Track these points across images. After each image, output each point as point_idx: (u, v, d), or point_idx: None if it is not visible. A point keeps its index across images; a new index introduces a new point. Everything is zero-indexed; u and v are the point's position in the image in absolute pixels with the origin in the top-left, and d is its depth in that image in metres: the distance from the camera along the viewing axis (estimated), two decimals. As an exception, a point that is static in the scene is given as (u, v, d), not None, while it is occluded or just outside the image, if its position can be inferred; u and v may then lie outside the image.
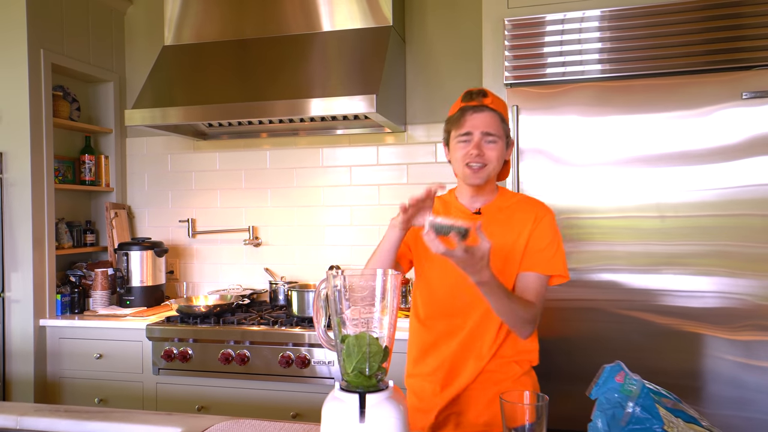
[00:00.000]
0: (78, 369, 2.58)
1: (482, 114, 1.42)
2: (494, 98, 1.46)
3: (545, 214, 1.48)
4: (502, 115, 1.45)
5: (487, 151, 1.42)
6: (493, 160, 1.43)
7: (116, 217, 3.05)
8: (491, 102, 1.44)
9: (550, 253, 1.44)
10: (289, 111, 2.42)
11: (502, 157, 1.46)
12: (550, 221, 1.48)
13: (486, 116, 1.42)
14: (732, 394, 1.96)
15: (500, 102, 1.48)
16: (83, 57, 2.90)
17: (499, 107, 1.45)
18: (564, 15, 2.12)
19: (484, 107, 1.43)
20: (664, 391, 0.95)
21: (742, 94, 1.94)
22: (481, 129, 1.42)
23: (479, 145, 1.41)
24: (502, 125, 1.44)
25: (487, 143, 1.42)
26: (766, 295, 1.93)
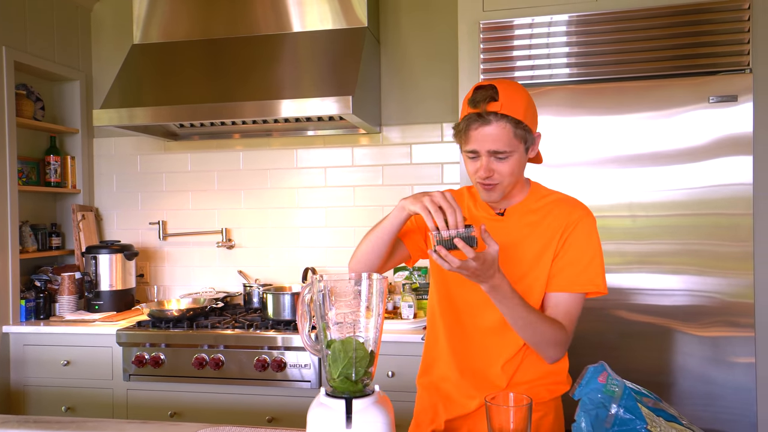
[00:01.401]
0: (44, 377, 2.50)
1: (488, 128, 1.19)
2: (506, 99, 1.19)
3: (580, 219, 1.27)
4: (516, 120, 1.19)
5: (499, 167, 1.22)
6: (507, 175, 1.23)
7: (83, 219, 2.96)
8: (501, 106, 1.18)
9: (581, 266, 1.25)
10: (260, 112, 2.39)
11: (519, 166, 1.25)
12: (586, 227, 1.27)
13: (493, 131, 1.18)
14: (701, 389, 2.02)
15: (515, 100, 1.20)
16: (48, 55, 2.81)
17: (512, 109, 1.19)
18: (532, 19, 2.15)
19: (490, 118, 1.18)
20: (645, 391, 0.97)
21: (709, 98, 2.00)
22: (487, 147, 1.20)
23: (488, 167, 1.22)
24: (516, 133, 1.20)
25: (497, 160, 1.21)
26: (733, 293, 2.00)
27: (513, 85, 1.23)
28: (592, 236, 1.27)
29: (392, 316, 2.44)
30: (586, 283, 1.25)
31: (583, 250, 1.26)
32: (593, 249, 1.26)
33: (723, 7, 2.00)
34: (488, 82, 1.21)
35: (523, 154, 1.24)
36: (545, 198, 1.32)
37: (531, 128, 1.23)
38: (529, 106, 1.22)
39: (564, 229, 1.27)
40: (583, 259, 1.25)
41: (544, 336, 1.21)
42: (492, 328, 1.30)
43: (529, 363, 1.30)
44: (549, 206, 1.30)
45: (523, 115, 1.20)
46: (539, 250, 1.27)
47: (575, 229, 1.26)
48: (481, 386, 1.30)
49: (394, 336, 2.20)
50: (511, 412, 0.98)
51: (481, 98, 1.19)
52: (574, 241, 1.26)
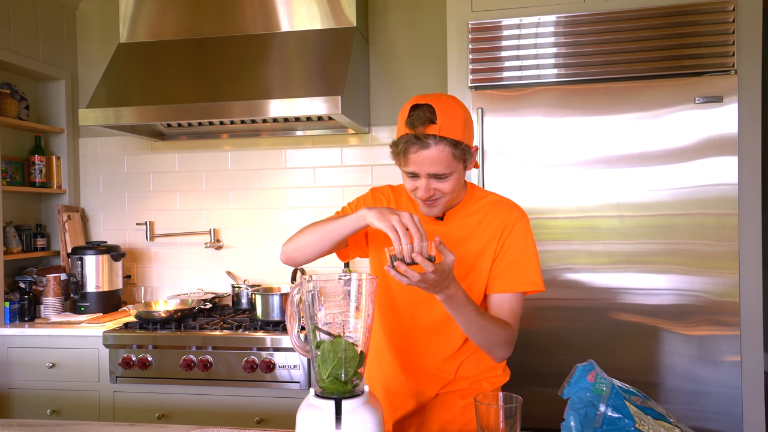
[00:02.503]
0: (29, 379, 2.47)
1: (427, 152, 1.17)
2: (444, 120, 1.17)
3: (516, 221, 1.31)
4: (455, 141, 1.18)
5: (439, 186, 1.23)
6: (448, 192, 1.25)
7: (69, 220, 2.93)
8: (440, 129, 1.16)
9: (520, 267, 1.29)
10: (248, 112, 2.38)
11: (459, 182, 1.27)
12: (521, 228, 1.31)
13: (432, 154, 1.17)
14: (688, 387, 2.04)
15: (453, 120, 1.18)
16: (32, 54, 2.78)
17: (450, 131, 1.17)
18: (520, 20, 2.16)
19: (429, 142, 1.17)
20: (633, 390, 0.98)
21: (695, 99, 2.02)
22: (427, 170, 1.20)
23: (428, 188, 1.22)
24: (455, 154, 1.19)
25: (438, 180, 1.22)
26: (719, 292, 2.02)
27: (450, 102, 1.21)
28: (527, 236, 1.32)
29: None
30: (526, 282, 1.30)
31: (521, 252, 1.30)
32: (530, 249, 1.31)
33: (709, 9, 2.02)
34: (425, 101, 1.19)
35: (462, 170, 1.25)
36: (482, 200, 1.35)
37: (469, 145, 1.23)
38: (466, 124, 1.22)
39: (502, 231, 1.30)
40: (522, 260, 1.30)
41: (496, 338, 1.23)
42: (432, 327, 1.33)
43: (471, 360, 1.35)
44: (486, 208, 1.34)
45: (462, 134, 1.19)
46: (478, 251, 1.31)
47: (512, 230, 1.30)
48: (423, 383, 1.35)
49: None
50: (501, 412, 0.99)
51: (419, 120, 1.17)
52: (512, 242, 1.30)
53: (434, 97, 1.21)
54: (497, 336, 1.23)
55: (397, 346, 1.38)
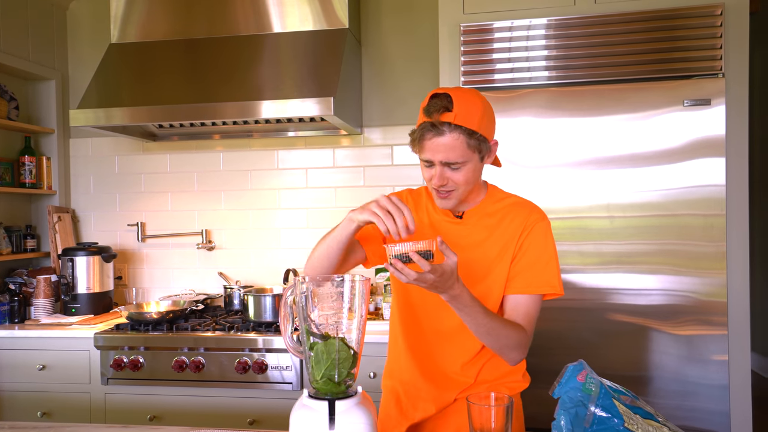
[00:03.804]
0: (19, 381, 2.45)
1: (441, 139, 1.19)
2: (461, 109, 1.18)
3: (536, 222, 1.30)
4: (470, 131, 1.19)
5: (453, 176, 1.23)
6: (461, 184, 1.24)
7: (59, 221, 2.92)
8: (455, 117, 1.17)
9: (538, 269, 1.28)
10: (240, 113, 2.38)
11: (474, 175, 1.25)
12: (541, 230, 1.29)
13: (446, 141, 1.18)
14: (676, 387, 2.06)
15: (470, 110, 1.19)
16: (22, 53, 2.76)
17: (466, 120, 1.18)
18: (511, 23, 2.18)
19: (444, 129, 1.18)
20: (622, 389, 0.99)
21: (684, 101, 2.04)
22: (440, 158, 1.21)
23: (442, 176, 1.23)
24: (469, 143, 1.20)
25: (451, 170, 1.23)
26: (707, 292, 2.04)
27: (469, 93, 1.22)
28: (547, 239, 1.30)
29: (374, 317, 2.45)
30: (543, 285, 1.28)
31: (539, 253, 1.28)
32: (549, 252, 1.29)
33: (697, 13, 2.05)
34: (445, 90, 1.20)
35: (477, 163, 1.25)
36: (502, 201, 1.34)
37: (486, 137, 1.23)
38: (484, 115, 1.22)
39: (521, 232, 1.29)
40: (540, 262, 1.28)
41: (507, 341, 1.22)
42: (451, 331, 1.32)
43: (490, 364, 1.33)
44: (506, 209, 1.32)
45: (478, 125, 1.20)
46: (497, 252, 1.29)
47: (531, 231, 1.29)
48: (442, 388, 1.33)
49: (376, 337, 2.20)
50: (492, 412, 1.00)
51: (435, 108, 1.18)
52: (531, 244, 1.28)
53: (455, 88, 1.22)
54: (508, 338, 1.22)
55: (417, 349, 1.37)
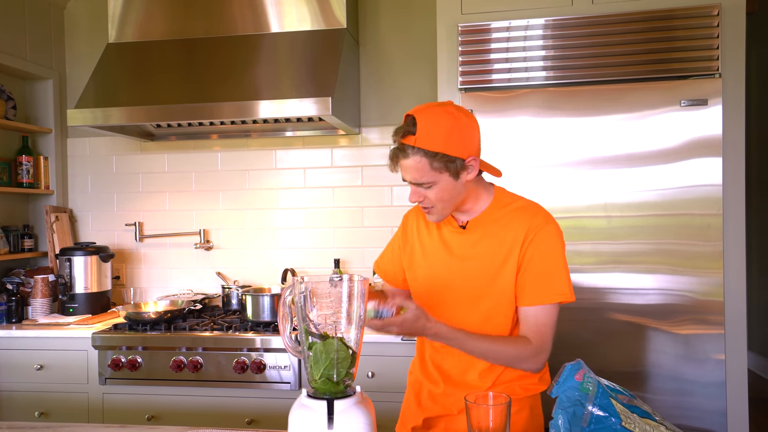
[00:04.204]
0: (16, 381, 2.45)
1: (407, 161, 1.23)
2: (423, 131, 1.20)
3: (539, 228, 1.27)
4: (432, 152, 1.20)
5: (427, 194, 1.26)
6: (435, 201, 1.27)
7: (57, 221, 2.91)
8: (416, 140, 1.20)
9: (546, 278, 1.26)
10: (238, 113, 2.38)
11: (449, 192, 1.26)
12: (545, 236, 1.27)
13: (410, 164, 1.22)
14: (673, 385, 2.07)
15: (433, 132, 1.20)
16: (19, 53, 2.76)
17: (427, 143, 1.20)
18: (509, 23, 2.18)
19: (408, 152, 1.22)
20: (619, 388, 1.00)
21: (681, 102, 2.05)
22: (409, 178, 1.25)
23: (415, 193, 1.27)
24: (433, 165, 1.21)
25: (424, 189, 1.26)
26: (704, 291, 2.05)
27: (436, 114, 1.22)
28: (553, 244, 1.28)
29: (372, 317, 2.45)
30: (553, 294, 1.27)
31: (546, 261, 1.27)
32: (556, 257, 1.27)
33: (694, 14, 2.05)
34: (415, 111, 1.23)
35: (449, 180, 1.24)
36: (508, 206, 1.33)
37: (456, 155, 1.22)
38: (451, 135, 1.21)
39: (524, 239, 1.27)
40: (547, 270, 1.27)
41: (508, 357, 1.25)
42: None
43: (508, 369, 1.34)
44: (511, 214, 1.31)
45: (442, 146, 1.20)
46: (502, 260, 1.29)
47: (535, 238, 1.27)
48: (460, 391, 1.34)
49: (374, 336, 2.21)
50: (491, 411, 1.00)
51: (400, 131, 1.22)
52: (536, 251, 1.26)
53: (425, 107, 1.23)
54: (507, 355, 1.24)
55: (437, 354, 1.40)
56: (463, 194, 1.29)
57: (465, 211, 1.34)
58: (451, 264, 1.34)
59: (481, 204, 1.33)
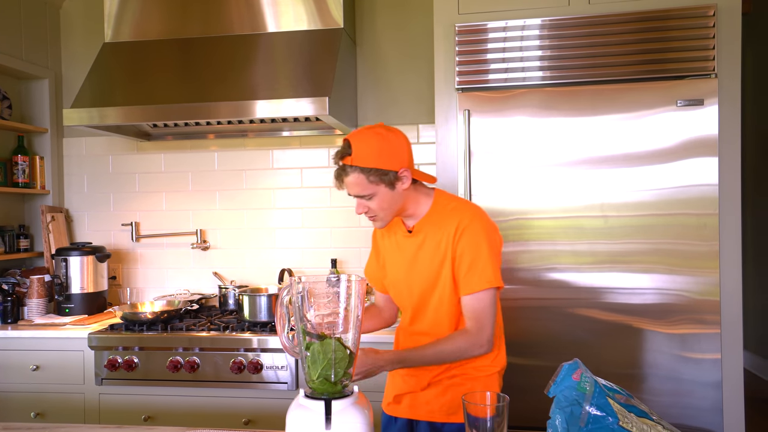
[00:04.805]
0: (12, 382, 2.44)
1: (348, 178, 1.41)
2: (358, 152, 1.39)
3: (466, 226, 1.44)
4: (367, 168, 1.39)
5: (370, 204, 1.44)
6: (378, 210, 1.45)
7: (53, 221, 2.90)
8: (352, 159, 1.39)
9: (474, 269, 1.43)
10: (235, 113, 2.38)
11: (389, 200, 1.44)
12: (471, 233, 1.44)
13: (351, 179, 1.41)
14: (670, 385, 2.07)
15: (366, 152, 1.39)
16: (15, 52, 2.75)
17: (362, 161, 1.39)
18: (506, 23, 2.18)
19: (347, 170, 1.40)
20: (617, 388, 1.00)
21: (677, 102, 2.05)
22: (352, 193, 1.44)
23: (360, 205, 1.45)
24: (369, 179, 1.40)
25: (366, 200, 1.44)
26: (701, 291, 2.06)
27: (367, 136, 1.41)
28: (478, 238, 1.43)
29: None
30: (480, 282, 1.43)
31: (473, 255, 1.43)
32: (481, 251, 1.43)
33: (690, 14, 2.06)
34: (350, 136, 1.42)
35: (387, 190, 1.43)
36: (445, 208, 1.50)
37: (388, 168, 1.40)
38: (381, 152, 1.40)
39: (454, 236, 1.44)
40: (474, 262, 1.43)
41: (455, 352, 1.42)
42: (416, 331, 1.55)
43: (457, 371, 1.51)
44: (446, 216, 1.48)
45: (375, 162, 1.39)
46: (441, 259, 1.46)
47: (462, 236, 1.44)
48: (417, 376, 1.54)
49: (371, 336, 2.21)
50: (488, 411, 1.00)
51: (338, 154, 1.42)
52: (465, 247, 1.43)
53: (358, 131, 1.43)
54: (453, 352, 1.42)
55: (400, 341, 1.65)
56: (401, 201, 1.47)
57: (410, 216, 1.51)
58: (406, 265, 1.53)
59: (422, 208, 1.50)
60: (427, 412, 1.52)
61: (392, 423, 1.59)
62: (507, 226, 2.16)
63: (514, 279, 2.16)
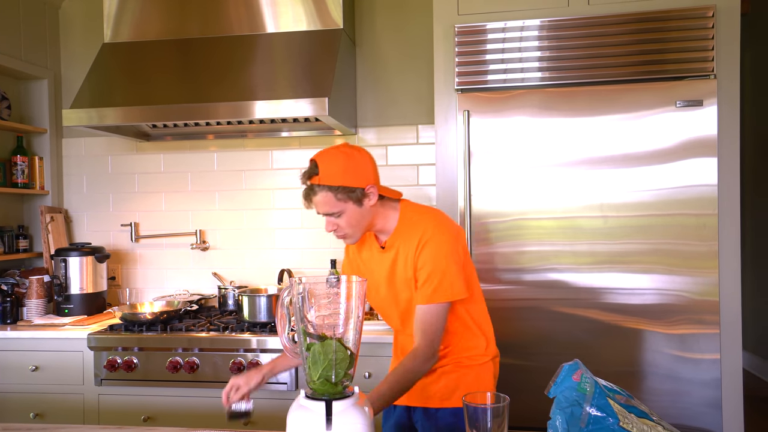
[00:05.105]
0: (11, 383, 2.43)
1: (316, 198, 1.44)
2: (324, 171, 1.41)
3: (429, 239, 1.46)
4: (334, 187, 1.41)
5: (339, 222, 1.46)
6: (346, 227, 1.47)
7: (52, 221, 2.90)
8: (320, 179, 1.41)
9: (431, 283, 1.44)
10: (234, 113, 2.37)
11: (356, 217, 1.46)
12: (432, 246, 1.45)
13: (319, 198, 1.43)
14: (668, 385, 2.08)
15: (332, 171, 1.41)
16: (14, 52, 2.74)
17: (329, 180, 1.41)
18: (505, 24, 2.18)
19: (315, 190, 1.43)
20: (617, 388, 1.00)
21: (676, 102, 2.06)
22: (320, 211, 1.46)
23: (329, 223, 1.48)
24: (337, 197, 1.42)
25: (335, 218, 1.46)
26: (700, 291, 2.06)
27: (332, 155, 1.44)
28: (438, 253, 1.45)
29: (369, 318, 2.45)
30: (435, 296, 1.44)
31: (431, 268, 1.45)
32: (439, 264, 1.45)
33: (689, 15, 2.06)
34: (316, 156, 1.45)
35: (354, 207, 1.45)
36: (410, 221, 1.51)
37: (354, 186, 1.43)
38: (347, 170, 1.43)
39: (416, 251, 1.47)
40: (433, 278, 1.44)
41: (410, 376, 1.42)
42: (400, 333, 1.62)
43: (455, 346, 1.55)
44: (411, 229, 1.50)
45: (342, 180, 1.42)
46: (409, 271, 1.49)
47: (423, 249, 1.46)
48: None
49: (371, 337, 2.21)
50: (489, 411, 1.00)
51: (305, 174, 1.45)
52: (425, 260, 1.45)
53: (324, 152, 1.46)
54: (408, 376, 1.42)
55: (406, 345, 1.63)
56: (369, 218, 1.49)
57: (381, 231, 1.54)
58: (385, 280, 1.55)
59: (391, 223, 1.53)
60: (422, 398, 1.57)
61: (391, 409, 1.65)
62: (506, 226, 2.16)
63: (513, 279, 2.16)
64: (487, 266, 2.17)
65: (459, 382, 1.54)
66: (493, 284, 2.17)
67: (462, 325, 1.54)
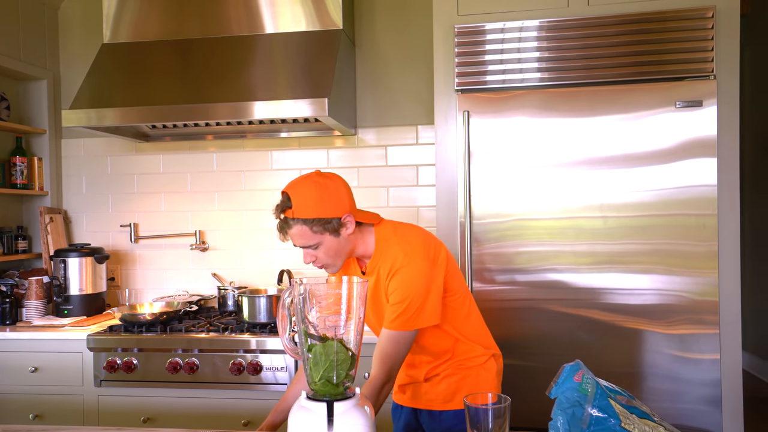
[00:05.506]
0: (10, 384, 2.43)
1: (291, 231, 1.40)
2: (298, 205, 1.38)
3: (399, 267, 1.43)
4: (309, 219, 1.38)
5: (317, 254, 1.44)
6: (326, 258, 1.44)
7: (51, 222, 2.89)
8: (294, 212, 1.38)
9: (396, 310, 1.41)
10: (233, 114, 2.37)
11: (334, 248, 1.43)
12: (403, 275, 1.42)
13: (295, 232, 1.40)
14: (668, 386, 2.08)
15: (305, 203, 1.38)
16: (13, 53, 2.74)
17: (303, 212, 1.38)
18: (503, 24, 2.18)
19: (290, 223, 1.39)
20: (618, 389, 1.00)
21: (676, 103, 2.06)
22: (297, 244, 1.43)
23: (307, 255, 1.45)
24: (313, 229, 1.39)
25: (313, 250, 1.43)
26: (699, 291, 2.06)
27: (305, 186, 1.41)
28: (406, 282, 1.41)
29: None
30: (398, 324, 1.41)
31: (399, 296, 1.41)
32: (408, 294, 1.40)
33: (688, 16, 2.06)
34: (288, 188, 1.41)
35: (332, 239, 1.42)
36: (386, 244, 1.48)
37: (330, 217, 1.40)
38: (321, 201, 1.39)
39: (387, 278, 1.45)
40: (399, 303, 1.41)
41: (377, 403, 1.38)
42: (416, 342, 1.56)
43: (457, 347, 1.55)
44: (386, 254, 1.47)
45: (316, 211, 1.39)
46: (379, 293, 1.48)
47: (393, 277, 1.43)
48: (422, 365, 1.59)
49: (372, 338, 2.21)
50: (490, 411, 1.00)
51: (279, 208, 1.41)
52: (394, 288, 1.43)
53: (295, 183, 1.42)
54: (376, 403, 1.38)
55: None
56: (348, 246, 1.46)
57: (362, 257, 1.52)
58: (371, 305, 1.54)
59: (370, 247, 1.50)
60: (426, 401, 1.59)
61: (399, 410, 1.68)
62: (506, 226, 2.16)
63: (513, 280, 2.16)
64: (487, 266, 2.17)
65: (461, 384, 1.55)
66: (493, 284, 2.17)
67: (454, 341, 1.55)
